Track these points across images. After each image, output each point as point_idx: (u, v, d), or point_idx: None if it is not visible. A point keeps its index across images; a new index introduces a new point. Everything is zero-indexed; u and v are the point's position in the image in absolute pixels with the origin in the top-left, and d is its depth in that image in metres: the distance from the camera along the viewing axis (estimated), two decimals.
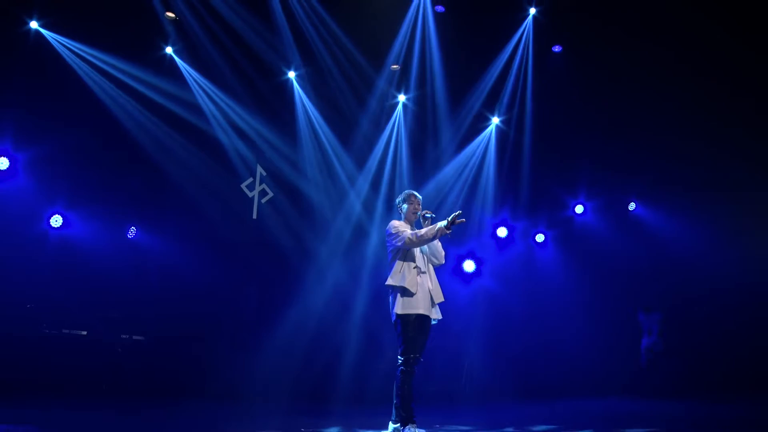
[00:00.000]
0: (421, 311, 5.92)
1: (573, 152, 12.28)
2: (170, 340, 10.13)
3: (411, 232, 6.02)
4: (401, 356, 5.85)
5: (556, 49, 11.91)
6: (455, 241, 11.93)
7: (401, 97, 12.07)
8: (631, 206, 12.62)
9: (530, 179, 12.29)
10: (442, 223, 5.87)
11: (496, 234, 12.50)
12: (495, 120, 12.25)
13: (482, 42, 11.40)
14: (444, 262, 6.32)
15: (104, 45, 10.02)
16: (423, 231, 5.95)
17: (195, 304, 10.38)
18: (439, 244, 6.25)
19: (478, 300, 11.85)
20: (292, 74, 11.48)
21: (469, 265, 12.10)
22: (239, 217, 11.29)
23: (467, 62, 11.54)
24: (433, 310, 6.09)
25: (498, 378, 11.24)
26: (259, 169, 11.63)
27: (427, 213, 6.21)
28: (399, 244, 5.98)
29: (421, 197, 6.44)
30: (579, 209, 12.75)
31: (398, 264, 6.01)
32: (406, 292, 5.91)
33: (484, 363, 11.30)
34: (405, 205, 6.32)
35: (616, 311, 11.95)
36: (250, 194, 11.50)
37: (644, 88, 11.44)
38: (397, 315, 5.91)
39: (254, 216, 11.46)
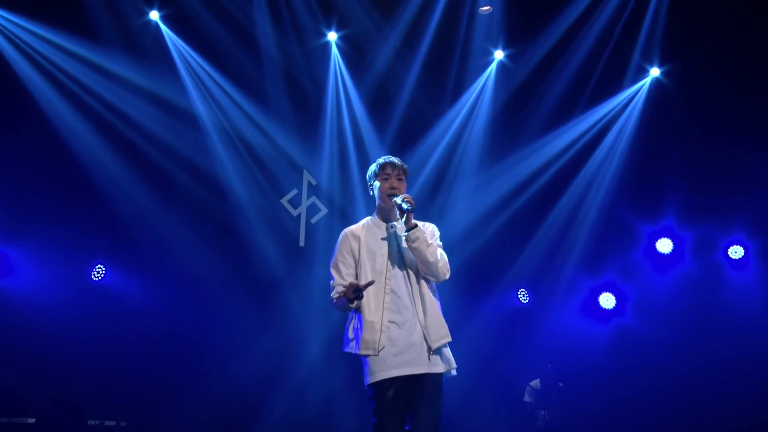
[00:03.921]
0: (396, 373, 3.77)
1: None
2: (158, 426, 7.46)
3: (337, 289, 3.91)
4: None
5: None
6: (587, 266, 8.52)
7: (498, 54, 8.64)
8: None
9: (715, 162, 8.27)
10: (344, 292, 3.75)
11: (654, 249, 8.61)
12: (654, 71, 8.46)
13: None
14: (448, 275, 3.88)
15: (50, 14, 7.37)
16: (332, 295, 3.93)
17: (193, 372, 7.61)
18: (432, 247, 3.82)
19: (621, 350, 8.45)
20: (333, 36, 8.41)
21: (607, 300, 8.65)
22: (275, 245, 8.24)
23: None
24: (433, 358, 3.84)
25: None
26: (306, 176, 8.54)
27: (404, 202, 3.75)
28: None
29: (404, 165, 3.98)
30: None
31: (352, 318, 3.95)
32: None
33: None
34: (377, 182, 3.99)
35: None
36: (294, 212, 8.43)
37: None
38: (368, 385, 3.89)
39: (301, 243, 8.38)
